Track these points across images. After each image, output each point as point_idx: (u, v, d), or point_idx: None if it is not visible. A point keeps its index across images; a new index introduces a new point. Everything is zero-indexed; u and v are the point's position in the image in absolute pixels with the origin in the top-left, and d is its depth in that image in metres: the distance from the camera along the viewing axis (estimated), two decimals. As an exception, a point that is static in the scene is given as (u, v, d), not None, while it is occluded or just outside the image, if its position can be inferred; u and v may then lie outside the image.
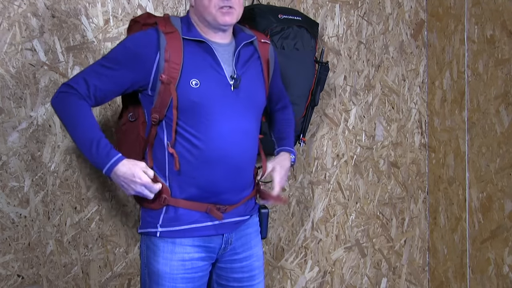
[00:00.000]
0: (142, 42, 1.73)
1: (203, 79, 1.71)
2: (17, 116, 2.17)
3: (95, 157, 1.68)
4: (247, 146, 1.78)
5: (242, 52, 1.81)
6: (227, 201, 1.77)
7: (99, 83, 1.72)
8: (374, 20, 2.80)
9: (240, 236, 1.85)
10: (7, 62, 2.14)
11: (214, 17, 1.72)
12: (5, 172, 2.16)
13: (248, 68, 1.81)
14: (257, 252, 1.91)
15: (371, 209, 2.86)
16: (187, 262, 1.75)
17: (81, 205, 2.29)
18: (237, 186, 1.79)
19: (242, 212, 1.84)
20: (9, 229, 2.17)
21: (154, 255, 1.77)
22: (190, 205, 1.75)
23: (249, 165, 1.81)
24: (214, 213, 1.75)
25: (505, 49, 2.44)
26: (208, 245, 1.78)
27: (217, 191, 1.75)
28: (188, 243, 1.75)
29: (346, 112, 2.77)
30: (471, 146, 2.65)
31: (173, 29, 1.74)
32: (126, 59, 1.72)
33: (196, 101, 1.70)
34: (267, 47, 1.89)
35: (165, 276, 1.74)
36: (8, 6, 2.13)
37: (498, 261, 2.51)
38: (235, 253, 1.85)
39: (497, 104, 2.49)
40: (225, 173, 1.73)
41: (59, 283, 2.27)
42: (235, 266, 1.85)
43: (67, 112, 1.72)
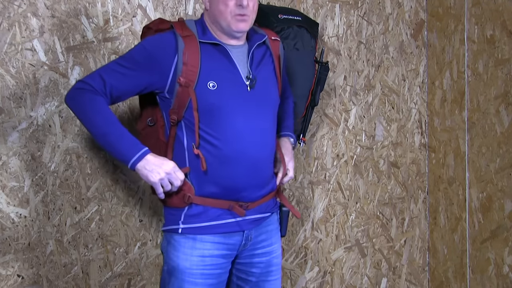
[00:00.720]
0: (160, 44, 1.75)
1: (220, 81, 1.74)
2: (17, 116, 2.17)
3: (120, 148, 1.69)
4: (265, 144, 1.82)
5: (255, 53, 1.84)
6: (247, 198, 1.80)
7: (115, 82, 1.73)
8: (374, 20, 2.80)
9: (260, 233, 1.88)
10: (7, 62, 2.14)
11: (229, 23, 1.75)
12: (5, 172, 2.16)
13: (262, 67, 1.85)
14: (277, 249, 1.94)
15: (371, 209, 2.86)
16: (207, 258, 1.77)
17: (81, 205, 2.29)
18: (257, 183, 1.81)
19: (263, 209, 1.87)
20: (9, 229, 2.17)
21: (174, 250, 1.80)
22: (212, 203, 1.78)
23: (268, 162, 1.85)
24: (237, 209, 1.78)
25: (505, 49, 2.44)
26: (229, 242, 1.81)
27: (237, 189, 1.78)
28: (208, 239, 1.78)
29: (346, 112, 2.77)
30: (471, 146, 2.65)
31: (189, 32, 1.76)
32: (144, 60, 1.74)
33: (214, 103, 1.73)
34: (277, 44, 1.94)
35: (185, 271, 1.77)
36: (8, 6, 2.13)
37: (498, 261, 2.51)
38: (254, 248, 1.87)
39: (497, 104, 2.49)
40: (245, 171, 1.76)
41: (59, 283, 2.27)
42: (254, 261, 1.88)
43: (84, 108, 1.72)
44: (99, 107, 1.70)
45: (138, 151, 1.68)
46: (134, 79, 1.74)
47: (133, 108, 2.36)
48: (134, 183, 2.38)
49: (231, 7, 1.73)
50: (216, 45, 1.78)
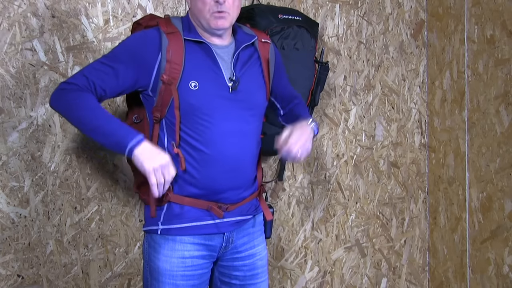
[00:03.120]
0: (143, 41, 1.73)
1: (201, 81, 1.72)
2: (17, 116, 2.17)
3: (116, 137, 1.65)
4: (246, 146, 1.79)
5: (241, 54, 1.81)
6: (227, 200, 1.78)
7: (99, 80, 1.70)
8: (374, 20, 2.80)
9: (242, 235, 1.86)
10: (7, 62, 2.14)
11: (208, 21, 1.73)
12: (5, 172, 2.16)
13: (248, 69, 1.81)
14: (261, 251, 1.91)
15: (371, 209, 2.86)
16: (187, 259, 1.76)
17: (81, 205, 2.29)
18: (237, 185, 1.79)
19: (245, 212, 1.85)
20: (9, 229, 2.17)
21: (155, 252, 1.78)
22: (191, 202, 1.76)
23: (249, 165, 1.82)
24: (215, 210, 1.76)
25: (505, 49, 2.44)
26: (209, 243, 1.79)
27: (217, 191, 1.76)
28: (188, 240, 1.76)
29: (346, 112, 2.77)
30: (471, 146, 2.65)
31: (174, 29, 1.74)
32: (127, 57, 1.72)
33: (194, 104, 1.71)
34: (267, 47, 1.89)
35: (165, 273, 1.76)
36: (8, 6, 2.13)
37: (498, 261, 2.51)
38: (236, 251, 1.85)
39: (497, 104, 2.49)
40: (224, 173, 1.74)
41: (59, 283, 2.27)
42: (236, 264, 1.86)
43: (71, 105, 1.69)
44: (87, 102, 1.67)
45: (135, 136, 1.65)
46: (118, 77, 1.71)
47: (133, 108, 2.36)
48: (134, 183, 2.38)
49: (209, 4, 1.71)
50: (200, 44, 1.75)
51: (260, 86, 1.85)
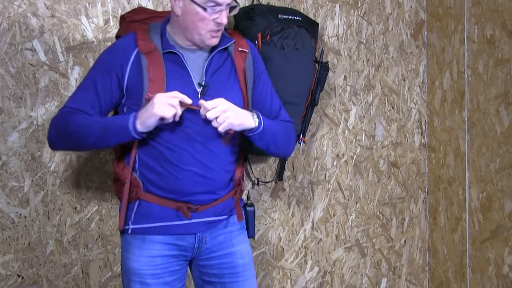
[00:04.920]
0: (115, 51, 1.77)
1: (170, 88, 1.71)
2: (17, 116, 2.17)
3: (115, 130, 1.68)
4: (216, 151, 1.77)
5: (215, 58, 1.80)
6: (197, 201, 1.78)
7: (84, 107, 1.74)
8: (374, 20, 2.80)
9: (216, 235, 1.85)
10: (7, 62, 2.15)
11: (203, 38, 1.73)
12: (5, 172, 2.16)
13: (220, 75, 1.80)
14: (241, 249, 1.89)
15: (371, 209, 2.86)
16: (156, 258, 1.76)
17: (81, 205, 2.30)
18: (206, 190, 1.79)
19: (218, 212, 1.84)
20: (9, 229, 2.17)
21: (125, 251, 1.80)
22: (160, 202, 1.76)
23: (221, 170, 1.80)
24: (183, 211, 1.76)
25: (505, 49, 2.44)
26: (179, 243, 1.79)
27: (185, 194, 1.76)
28: (158, 240, 1.77)
29: (346, 112, 2.77)
30: (471, 146, 2.65)
31: (152, 47, 1.73)
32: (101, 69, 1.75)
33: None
34: (244, 56, 1.85)
35: (135, 272, 1.77)
36: (8, 6, 2.14)
37: (498, 261, 2.51)
38: (211, 251, 1.85)
39: (497, 104, 2.49)
40: (192, 177, 1.75)
41: (59, 283, 2.27)
42: (213, 263, 1.86)
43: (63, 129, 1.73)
44: (73, 119, 1.71)
45: (128, 117, 1.67)
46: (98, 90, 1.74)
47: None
48: (134, 183, 2.38)
49: (209, 24, 1.70)
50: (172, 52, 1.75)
51: (234, 94, 1.80)
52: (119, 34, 1.95)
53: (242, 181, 1.92)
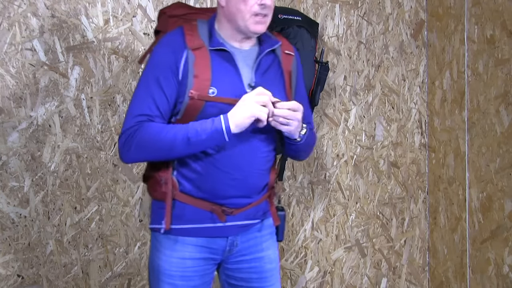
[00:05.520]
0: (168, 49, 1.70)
1: (220, 87, 1.68)
2: (17, 116, 2.17)
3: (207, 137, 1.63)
4: (257, 155, 1.75)
5: (264, 60, 1.77)
6: (233, 205, 1.75)
7: (148, 110, 1.68)
8: (374, 20, 2.80)
9: (248, 239, 1.82)
10: (7, 62, 2.15)
11: (247, 24, 1.68)
12: (5, 172, 2.16)
13: (269, 76, 1.77)
14: (270, 255, 1.87)
15: (371, 209, 2.86)
16: (187, 260, 1.75)
17: (81, 205, 2.29)
18: (243, 193, 1.76)
19: (252, 216, 1.81)
20: (9, 229, 2.17)
21: (156, 250, 1.78)
22: (194, 203, 1.74)
23: (260, 174, 1.77)
24: (218, 214, 1.74)
25: (505, 49, 2.44)
26: (211, 246, 1.77)
27: (221, 196, 1.73)
28: (190, 242, 1.75)
29: (346, 112, 2.77)
30: (471, 146, 2.65)
31: (200, 44, 1.70)
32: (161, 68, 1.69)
33: (211, 111, 1.67)
34: (290, 59, 1.83)
35: (165, 272, 1.75)
36: (8, 6, 2.14)
37: (498, 261, 2.51)
38: (241, 255, 1.82)
39: (497, 104, 2.49)
40: (230, 180, 1.72)
41: (59, 283, 2.27)
42: (242, 266, 1.83)
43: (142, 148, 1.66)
44: (152, 131, 1.65)
45: (216, 119, 1.62)
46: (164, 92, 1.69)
47: (133, 108, 2.36)
48: (134, 183, 2.38)
49: (252, 6, 1.66)
50: (223, 50, 1.71)
51: (281, 95, 1.76)
52: (159, 29, 1.91)
53: (275, 184, 1.88)
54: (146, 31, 2.37)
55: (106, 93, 2.31)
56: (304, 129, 1.76)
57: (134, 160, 1.74)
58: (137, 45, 2.35)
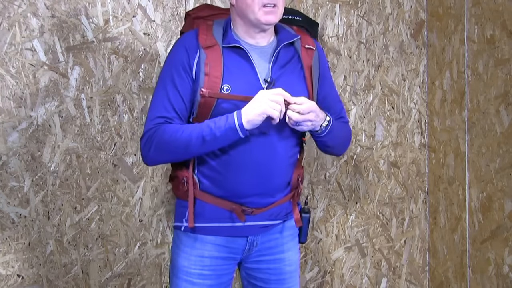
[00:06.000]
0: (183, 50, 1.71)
1: (234, 84, 1.68)
2: (17, 116, 2.17)
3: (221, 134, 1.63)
4: (278, 151, 1.73)
5: (282, 54, 1.75)
6: (253, 204, 1.74)
7: (165, 112, 1.69)
8: (374, 20, 2.80)
9: (268, 240, 1.81)
10: (7, 62, 2.15)
11: (257, 15, 1.67)
12: (5, 172, 2.16)
13: (287, 71, 1.75)
14: (290, 256, 1.85)
15: (371, 209, 2.86)
16: (205, 259, 1.75)
17: (81, 205, 2.30)
18: (264, 191, 1.74)
19: (273, 216, 1.79)
20: (9, 229, 2.17)
21: (177, 248, 1.79)
22: (215, 201, 1.73)
23: (281, 171, 1.76)
24: (238, 214, 1.73)
25: (505, 49, 2.44)
26: (231, 245, 1.77)
27: (241, 195, 1.72)
28: (210, 240, 1.75)
29: (346, 112, 2.77)
30: (471, 146, 2.65)
31: (213, 42, 1.71)
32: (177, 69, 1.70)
33: (225, 107, 1.67)
34: (311, 54, 1.81)
35: (183, 269, 1.76)
36: (8, 6, 2.14)
37: (498, 261, 2.51)
38: (261, 254, 1.81)
39: (497, 104, 2.49)
40: (250, 178, 1.71)
41: (59, 283, 2.27)
42: (262, 267, 1.83)
43: (163, 150, 1.68)
44: (169, 132, 1.66)
45: (230, 116, 1.62)
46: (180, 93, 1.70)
47: (133, 108, 2.36)
48: (134, 183, 2.38)
49: None
50: (238, 47, 1.71)
51: (300, 91, 1.74)
52: (183, 31, 1.91)
53: (300, 183, 1.86)
54: (146, 31, 2.37)
55: (106, 93, 2.31)
56: (326, 121, 1.74)
57: (155, 161, 1.75)
58: (137, 45, 2.35)
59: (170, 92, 1.69)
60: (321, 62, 1.85)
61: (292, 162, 1.80)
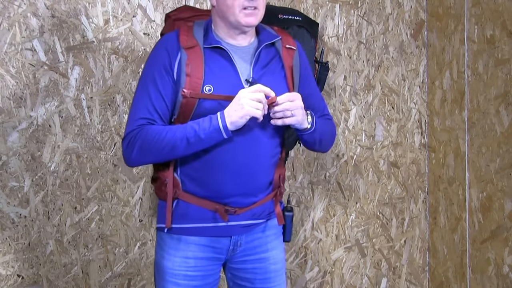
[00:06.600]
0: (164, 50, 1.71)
1: (216, 84, 1.68)
2: (17, 116, 2.17)
3: (205, 136, 1.63)
4: (260, 151, 1.74)
5: (263, 54, 1.77)
6: (236, 204, 1.74)
7: (147, 114, 1.69)
8: (374, 20, 2.80)
9: (252, 239, 1.82)
10: (7, 62, 2.15)
11: (237, 18, 1.68)
12: (5, 172, 2.16)
13: (268, 71, 1.76)
14: (275, 255, 1.85)
15: (371, 209, 2.86)
16: (190, 260, 1.75)
17: (81, 205, 2.30)
18: (247, 191, 1.75)
19: (256, 216, 1.80)
20: (9, 229, 2.17)
21: (160, 249, 1.79)
22: (197, 202, 1.74)
23: (263, 171, 1.76)
24: (221, 213, 1.73)
25: (505, 49, 2.44)
26: (215, 245, 1.77)
27: (224, 195, 1.73)
28: (193, 241, 1.75)
29: (346, 112, 2.77)
30: (471, 146, 2.65)
31: (194, 43, 1.71)
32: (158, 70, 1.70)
33: (208, 107, 1.67)
34: (292, 54, 1.82)
35: (168, 271, 1.75)
36: (8, 6, 2.14)
37: (498, 261, 2.51)
38: (245, 254, 1.82)
39: (497, 104, 2.49)
40: (233, 178, 1.71)
41: (59, 283, 2.27)
42: (247, 267, 1.83)
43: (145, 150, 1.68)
44: (152, 133, 1.66)
45: (213, 118, 1.62)
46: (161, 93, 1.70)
47: (133, 108, 2.36)
48: (134, 183, 2.38)
49: (240, 0, 1.66)
50: (219, 47, 1.72)
51: (282, 90, 1.75)
52: (163, 32, 1.92)
53: (282, 183, 1.87)
54: (146, 31, 2.37)
55: (106, 93, 2.31)
56: (309, 115, 1.75)
57: (137, 163, 1.75)
58: (137, 45, 2.35)
59: (152, 94, 1.69)
60: (302, 62, 1.87)
61: (274, 162, 1.80)
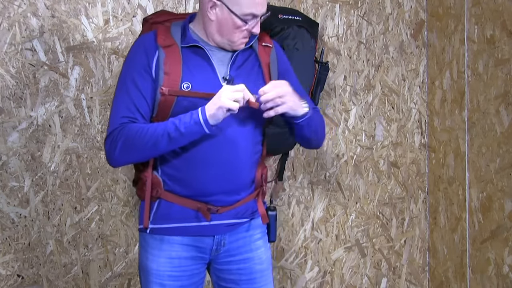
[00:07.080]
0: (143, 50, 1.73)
1: (194, 81, 1.70)
2: (17, 116, 2.17)
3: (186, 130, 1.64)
4: (241, 148, 1.74)
5: (240, 55, 1.79)
6: (219, 202, 1.74)
7: (128, 112, 1.70)
8: (374, 20, 2.80)
9: (236, 239, 1.81)
10: (7, 62, 2.15)
11: (233, 45, 1.74)
12: (5, 172, 2.16)
13: (245, 70, 1.79)
14: (259, 255, 1.85)
15: (371, 209, 2.86)
16: (174, 260, 1.75)
17: (81, 205, 2.30)
18: (229, 189, 1.75)
19: (240, 215, 1.80)
20: (9, 229, 2.17)
21: (143, 250, 1.79)
22: (180, 201, 1.74)
23: (245, 168, 1.77)
24: (203, 212, 1.73)
25: (505, 49, 2.44)
26: (198, 245, 1.77)
27: (206, 193, 1.73)
28: (176, 241, 1.75)
29: (346, 112, 2.77)
30: (471, 146, 2.65)
31: (171, 41, 1.73)
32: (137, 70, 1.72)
33: (186, 105, 1.68)
34: (268, 51, 1.85)
35: (153, 272, 1.75)
36: (8, 6, 2.14)
37: (498, 261, 2.51)
38: (230, 255, 1.81)
39: (497, 104, 2.49)
40: (214, 175, 1.72)
41: (59, 283, 2.27)
42: (231, 267, 1.83)
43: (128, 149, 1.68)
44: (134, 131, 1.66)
45: (194, 113, 1.63)
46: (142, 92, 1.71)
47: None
48: (134, 183, 2.38)
49: (243, 33, 1.72)
50: (197, 46, 1.74)
51: (259, 86, 1.76)
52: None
53: (264, 182, 1.87)
54: (146, 31, 2.37)
55: (106, 93, 2.31)
56: (304, 101, 1.75)
57: (121, 161, 1.75)
58: (137, 45, 2.36)
59: (132, 93, 1.70)
60: (280, 58, 1.88)
61: (255, 160, 1.81)
